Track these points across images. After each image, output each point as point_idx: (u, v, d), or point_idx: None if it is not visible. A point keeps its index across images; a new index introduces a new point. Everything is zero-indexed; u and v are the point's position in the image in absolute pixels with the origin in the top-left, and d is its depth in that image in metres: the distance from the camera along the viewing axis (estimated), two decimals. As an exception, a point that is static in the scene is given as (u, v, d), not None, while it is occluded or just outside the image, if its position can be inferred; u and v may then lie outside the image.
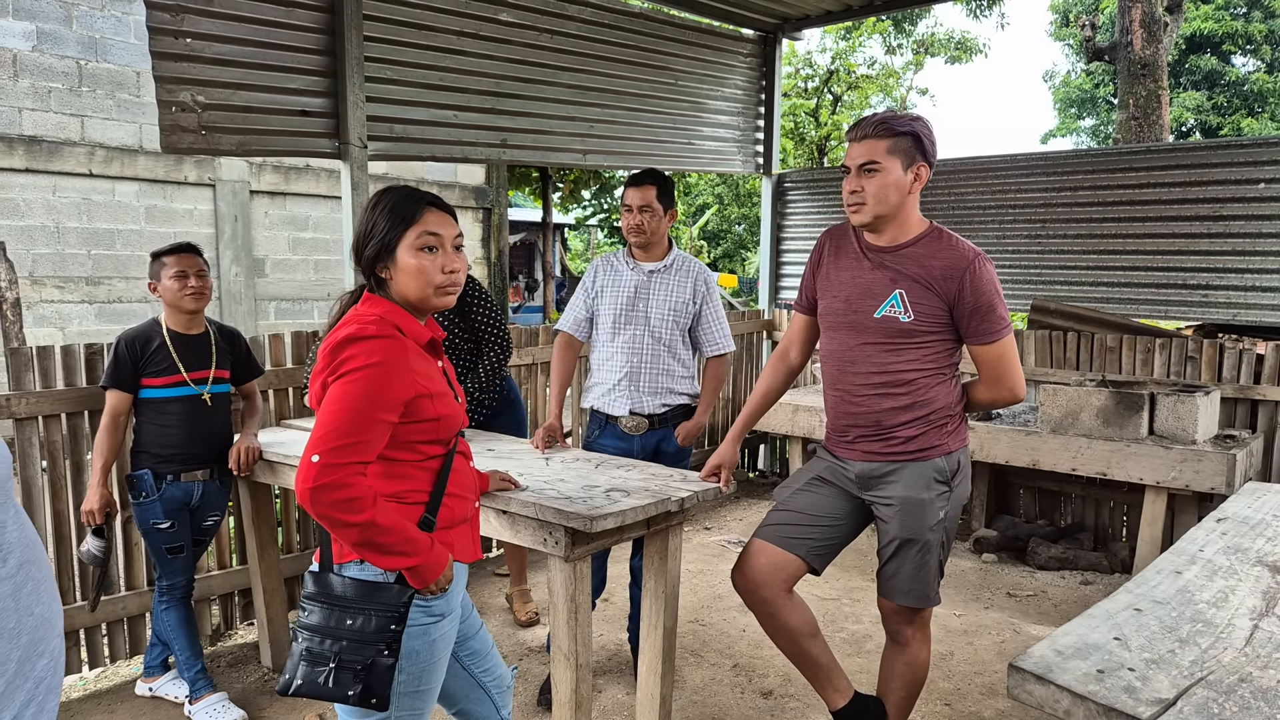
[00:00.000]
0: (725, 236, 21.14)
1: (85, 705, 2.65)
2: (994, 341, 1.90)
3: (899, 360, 1.93)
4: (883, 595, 2.04)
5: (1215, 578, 1.34)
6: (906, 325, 1.90)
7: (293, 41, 3.14)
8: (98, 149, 7.05)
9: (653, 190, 2.60)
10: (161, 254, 2.50)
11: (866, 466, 1.99)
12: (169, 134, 2.88)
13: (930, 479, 1.94)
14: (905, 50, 14.96)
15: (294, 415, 3.16)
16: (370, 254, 1.50)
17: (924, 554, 1.96)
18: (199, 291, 2.50)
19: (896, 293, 1.91)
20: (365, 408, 1.37)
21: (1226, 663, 1.05)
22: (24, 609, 0.63)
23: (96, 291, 7.23)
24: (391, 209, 1.49)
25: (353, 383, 1.38)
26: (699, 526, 4.47)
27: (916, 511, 1.94)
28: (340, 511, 1.34)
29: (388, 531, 1.38)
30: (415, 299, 1.50)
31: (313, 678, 1.40)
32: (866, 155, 1.88)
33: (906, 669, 2.07)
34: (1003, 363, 1.91)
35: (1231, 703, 0.95)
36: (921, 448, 1.94)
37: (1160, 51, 8.67)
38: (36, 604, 0.65)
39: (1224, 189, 3.91)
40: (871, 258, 1.96)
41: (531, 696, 2.68)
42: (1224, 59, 19.98)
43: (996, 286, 1.91)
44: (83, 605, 2.71)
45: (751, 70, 5.14)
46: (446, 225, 1.51)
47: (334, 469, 1.34)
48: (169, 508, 2.49)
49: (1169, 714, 0.92)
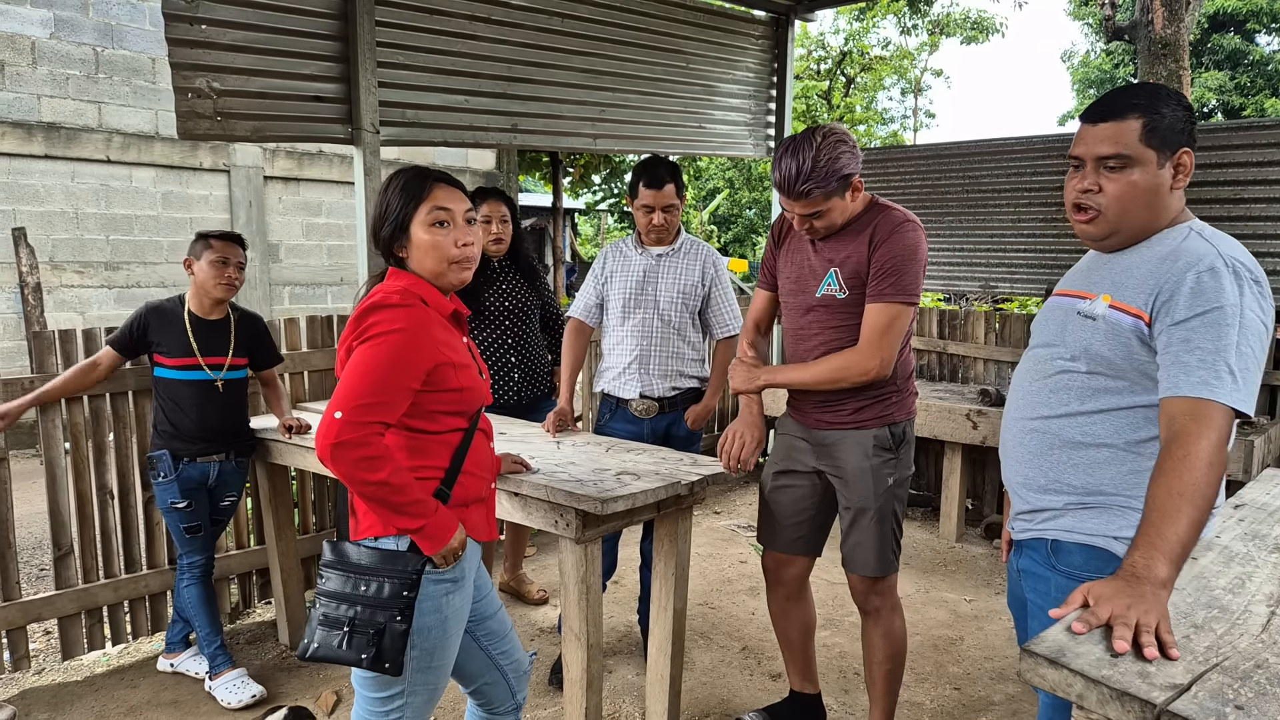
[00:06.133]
0: (736, 221, 21.02)
1: (109, 680, 2.73)
2: (885, 303, 1.90)
3: (840, 337, 2.00)
4: (847, 569, 2.13)
5: (1232, 564, 1.33)
6: (843, 300, 1.98)
7: (306, 27, 3.15)
8: (115, 135, 7.11)
9: (672, 188, 2.59)
10: (208, 235, 2.54)
11: (819, 434, 2.10)
12: (185, 120, 2.91)
13: (872, 447, 2.02)
14: (920, 31, 14.75)
15: (309, 398, 3.21)
16: (386, 234, 1.54)
17: (877, 522, 2.04)
18: (232, 283, 2.54)
19: (832, 272, 1.99)
20: (387, 370, 1.41)
21: (1242, 649, 1.04)
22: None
23: (115, 276, 7.31)
24: (402, 188, 1.53)
25: (376, 346, 1.42)
26: (708, 511, 4.50)
27: (864, 479, 2.03)
28: (359, 470, 1.39)
29: (400, 490, 1.43)
30: (432, 274, 1.54)
31: (329, 641, 1.45)
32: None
33: (884, 640, 2.15)
34: (881, 328, 1.90)
35: (1247, 688, 0.94)
36: (866, 418, 2.03)
37: (1182, 30, 8.50)
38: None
39: (1245, 171, 3.84)
40: (814, 242, 2.04)
41: (544, 677, 2.72)
42: (1248, 38, 19.53)
43: (918, 255, 1.91)
44: (108, 583, 2.78)
45: (763, 53, 5.09)
46: (456, 200, 1.55)
47: (355, 426, 1.38)
48: (186, 488, 2.54)
49: (1183, 699, 0.91)
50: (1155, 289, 1.32)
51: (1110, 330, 1.37)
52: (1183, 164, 1.36)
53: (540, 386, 3.06)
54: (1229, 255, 1.31)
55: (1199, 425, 1.21)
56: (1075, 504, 1.41)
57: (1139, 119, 1.34)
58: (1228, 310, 1.26)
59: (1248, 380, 1.25)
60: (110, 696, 2.62)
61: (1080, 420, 1.41)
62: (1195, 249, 1.32)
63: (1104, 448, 1.39)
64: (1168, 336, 1.29)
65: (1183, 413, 1.24)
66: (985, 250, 4.71)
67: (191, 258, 2.53)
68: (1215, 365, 1.24)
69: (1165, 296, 1.30)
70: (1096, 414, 1.39)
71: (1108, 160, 1.36)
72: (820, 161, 1.83)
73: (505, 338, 2.96)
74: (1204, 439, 1.19)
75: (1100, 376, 1.39)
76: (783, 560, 2.23)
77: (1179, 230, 1.38)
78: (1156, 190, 1.35)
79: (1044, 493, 1.46)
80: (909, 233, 1.92)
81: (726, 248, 21.33)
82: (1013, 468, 1.53)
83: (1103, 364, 1.38)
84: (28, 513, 4.06)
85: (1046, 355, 1.48)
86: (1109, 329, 1.37)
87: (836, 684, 2.73)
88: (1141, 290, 1.35)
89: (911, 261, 1.90)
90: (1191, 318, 1.27)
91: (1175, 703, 0.90)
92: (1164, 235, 1.38)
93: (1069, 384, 1.43)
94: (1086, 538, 1.40)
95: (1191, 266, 1.30)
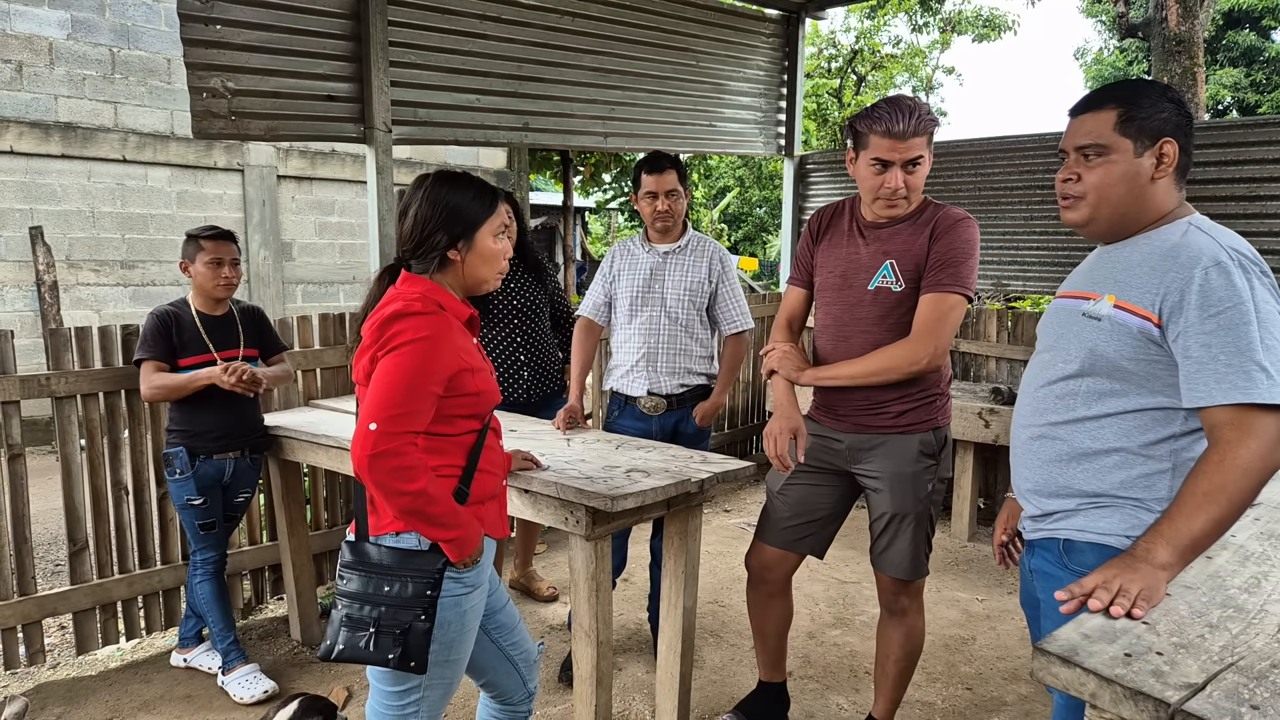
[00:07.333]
0: (746, 219, 20.97)
1: (123, 675, 2.75)
2: (943, 292, 1.89)
3: (890, 333, 1.97)
4: (878, 569, 2.12)
5: (1247, 564, 1.31)
6: (899, 294, 1.94)
7: (319, 27, 3.17)
8: (130, 135, 7.18)
9: (674, 174, 2.60)
10: (198, 236, 2.55)
11: (856, 439, 2.05)
12: (200, 119, 2.93)
13: (917, 452, 2.00)
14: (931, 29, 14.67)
15: (321, 395, 3.23)
16: (447, 237, 1.54)
17: (914, 527, 2.03)
18: (230, 282, 2.55)
19: (887, 264, 1.95)
20: (416, 379, 1.42)
21: (1258, 649, 1.03)
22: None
23: (131, 275, 7.38)
24: (476, 196, 1.57)
25: (404, 355, 1.43)
26: (719, 509, 4.49)
27: (905, 485, 2.00)
28: (396, 479, 1.39)
29: (436, 501, 1.43)
30: (480, 280, 1.60)
31: (354, 642, 1.45)
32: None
33: (905, 639, 2.15)
34: (936, 317, 1.89)
35: (1263, 688, 0.93)
36: (910, 422, 2.00)
37: (1196, 27, 8.41)
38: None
39: (1261, 168, 3.80)
40: (866, 234, 2.01)
41: (553, 674, 2.73)
42: (1263, 34, 19.27)
43: (975, 250, 1.92)
44: (122, 579, 2.81)
45: (774, 51, 5.08)
46: (505, 215, 1.63)
47: (391, 437, 1.39)
48: (202, 485, 2.56)
49: (1198, 698, 0.90)
50: (1162, 290, 1.31)
51: (1116, 331, 1.36)
52: (1165, 154, 1.37)
53: (551, 384, 3.06)
54: (1231, 248, 1.30)
55: (1239, 433, 1.21)
56: (1087, 504, 1.41)
57: (1114, 109, 1.37)
58: (1243, 308, 1.24)
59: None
60: (124, 691, 2.65)
61: (1089, 425, 1.40)
62: (1197, 244, 1.32)
63: (1114, 453, 1.38)
64: (1185, 341, 1.28)
65: (1223, 423, 1.23)
66: (998, 248, 4.68)
67: (186, 260, 2.54)
68: (1245, 367, 1.23)
69: (1175, 298, 1.29)
70: (1104, 418, 1.38)
71: (1085, 150, 1.39)
72: (925, 108, 1.90)
73: (514, 336, 2.97)
74: (1243, 446, 1.20)
75: (1106, 380, 1.38)
76: (778, 557, 2.19)
77: (1178, 225, 1.37)
78: (1134, 178, 1.37)
79: (1054, 498, 1.45)
80: (970, 228, 1.94)
81: (737, 246, 21.27)
82: (1022, 474, 1.52)
83: (1108, 366, 1.37)
84: (43, 509, 4.11)
85: (1051, 360, 1.48)
86: (1114, 329, 1.36)
87: (848, 683, 2.72)
88: (1147, 290, 1.34)
89: (971, 255, 1.91)
90: (1206, 319, 1.26)
91: (1190, 702, 0.89)
92: (1162, 230, 1.38)
93: (1075, 389, 1.42)
94: (1099, 537, 1.39)
95: (1196, 263, 1.29)
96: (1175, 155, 1.38)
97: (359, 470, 1.40)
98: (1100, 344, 1.38)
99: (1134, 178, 1.37)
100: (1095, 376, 1.39)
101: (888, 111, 1.88)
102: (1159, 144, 1.37)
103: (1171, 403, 1.34)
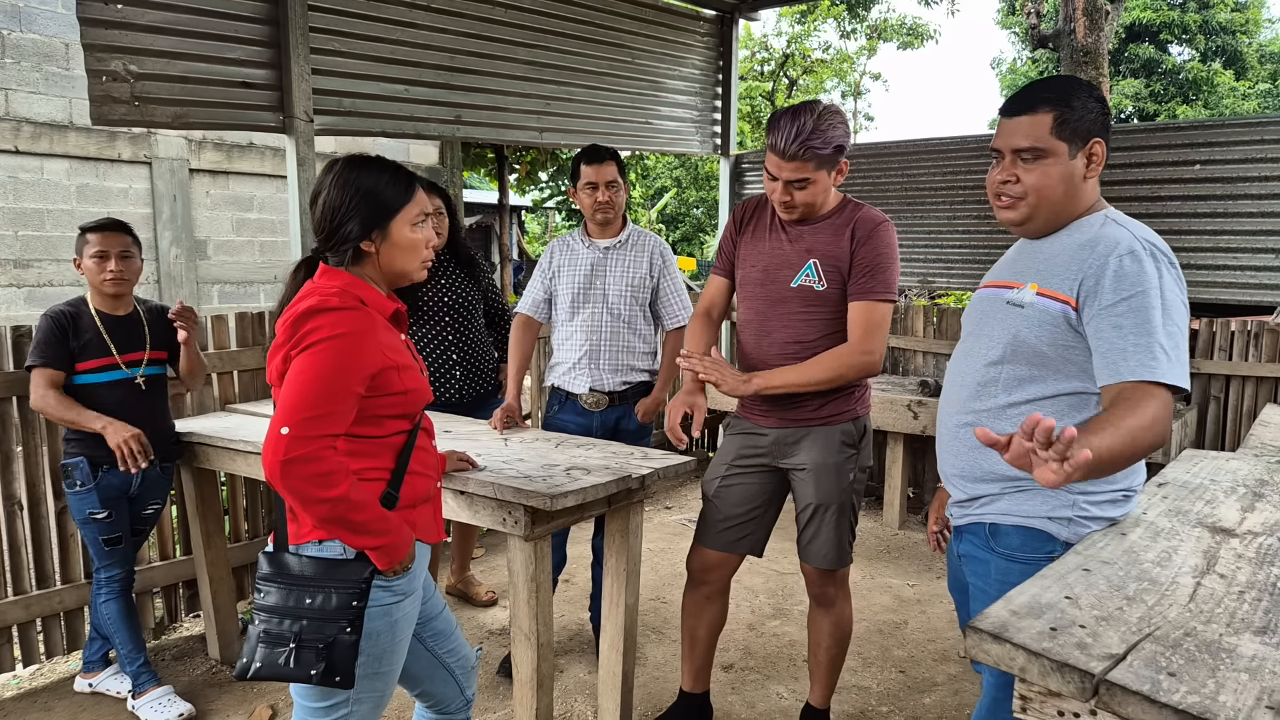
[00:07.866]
0: (684, 220, 21.14)
1: (20, 705, 2.54)
2: (875, 300, 1.94)
3: (812, 330, 2.00)
4: (804, 561, 2.15)
5: (1159, 539, 1.38)
6: (821, 293, 1.97)
7: (232, 9, 3.00)
8: (24, 124, 6.67)
9: (613, 165, 2.58)
10: (87, 229, 2.36)
11: (781, 433, 2.08)
12: (99, 105, 2.73)
13: (839, 443, 2.05)
14: (859, 35, 15.12)
15: (239, 399, 3.06)
16: (359, 228, 1.44)
17: (838, 516, 2.07)
18: (120, 276, 2.34)
19: (811, 263, 1.98)
20: (334, 378, 1.33)
21: (1172, 618, 1.08)
22: None
23: (25, 274, 6.87)
24: (390, 181, 1.47)
25: (319, 354, 1.34)
26: (660, 506, 4.49)
27: (829, 475, 2.05)
28: (312, 486, 1.30)
29: (359, 508, 1.35)
30: (400, 273, 1.50)
31: (273, 659, 1.36)
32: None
33: (834, 627, 2.20)
34: (874, 324, 1.94)
35: (1178, 656, 0.98)
36: (831, 414, 2.05)
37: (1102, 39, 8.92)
38: None
39: (1161, 170, 4.04)
40: (788, 230, 2.03)
41: (492, 680, 2.66)
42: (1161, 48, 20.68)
43: (896, 253, 1.97)
44: (17, 600, 2.59)
45: (709, 50, 5.11)
46: (426, 201, 1.54)
47: (305, 441, 1.30)
48: (106, 496, 2.38)
49: (1119, 668, 0.94)
50: (1079, 275, 1.38)
51: (1039, 317, 1.41)
52: (1094, 153, 1.43)
53: (485, 384, 2.98)
54: (1144, 239, 1.38)
55: (1142, 395, 1.27)
56: (1010, 489, 1.45)
57: (1050, 112, 1.41)
58: (1151, 293, 1.32)
59: (1179, 357, 1.31)
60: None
61: (1009, 412, 1.44)
62: (1113, 235, 1.39)
63: None
64: (1097, 322, 1.34)
65: (1126, 393, 1.29)
66: (923, 246, 4.83)
67: (77, 256, 2.36)
68: (1150, 348, 1.30)
69: (1091, 282, 1.36)
70: (1025, 404, 1.43)
71: (1023, 152, 1.43)
72: (821, 126, 1.86)
73: (445, 334, 2.88)
74: (1143, 405, 1.26)
75: (1025, 366, 1.43)
76: (719, 559, 2.18)
77: (1096, 218, 1.44)
78: (1069, 178, 1.42)
79: (979, 482, 1.49)
80: (889, 231, 1.98)
81: (675, 246, 21.40)
82: (948, 460, 1.56)
83: (1028, 352, 1.42)
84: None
85: (973, 347, 1.53)
86: (1037, 316, 1.41)
87: (787, 672, 2.74)
88: (1066, 277, 1.40)
89: (894, 260, 1.97)
90: (1118, 302, 1.32)
91: (1112, 672, 0.93)
92: (1082, 223, 1.44)
93: (995, 375, 1.47)
94: (1023, 520, 1.44)
95: (1112, 251, 1.36)
96: (1104, 154, 1.44)
97: (271, 477, 1.31)
98: (1023, 331, 1.42)
99: (1070, 178, 1.43)
100: (1015, 363, 1.44)
101: (779, 124, 1.89)
102: (1090, 144, 1.42)
103: (1086, 387, 1.40)
